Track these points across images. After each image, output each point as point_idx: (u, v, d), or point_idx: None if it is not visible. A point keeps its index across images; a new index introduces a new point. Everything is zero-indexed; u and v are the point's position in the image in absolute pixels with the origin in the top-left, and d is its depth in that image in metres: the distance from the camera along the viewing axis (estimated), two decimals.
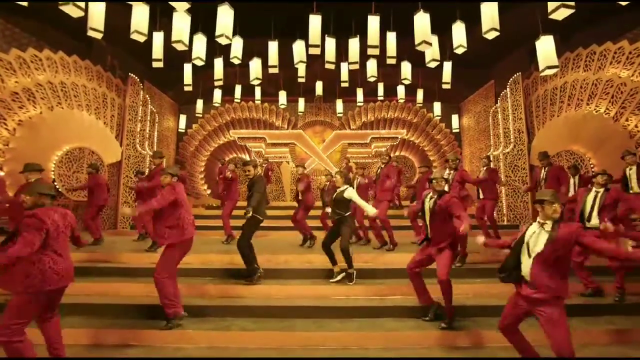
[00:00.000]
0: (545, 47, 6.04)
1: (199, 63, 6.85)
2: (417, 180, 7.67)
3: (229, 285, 4.63)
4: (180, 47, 5.82)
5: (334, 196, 4.85)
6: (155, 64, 6.94)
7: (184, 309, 3.78)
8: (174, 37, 5.78)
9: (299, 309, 3.98)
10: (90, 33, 5.10)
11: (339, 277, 4.70)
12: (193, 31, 6.79)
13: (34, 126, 7.76)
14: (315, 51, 6.21)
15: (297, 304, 4.09)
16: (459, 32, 6.29)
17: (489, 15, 5.46)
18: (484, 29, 5.56)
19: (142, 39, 5.71)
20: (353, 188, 5.26)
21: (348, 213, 4.74)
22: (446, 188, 4.08)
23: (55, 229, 2.79)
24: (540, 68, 6.15)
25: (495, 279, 4.68)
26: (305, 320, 3.83)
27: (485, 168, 6.60)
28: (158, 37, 6.87)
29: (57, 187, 8.31)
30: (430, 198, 3.90)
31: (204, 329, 3.68)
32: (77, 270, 3.06)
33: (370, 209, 4.67)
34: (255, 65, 8.28)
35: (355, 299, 4.34)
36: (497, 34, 5.52)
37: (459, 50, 6.33)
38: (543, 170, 6.50)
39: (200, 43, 6.82)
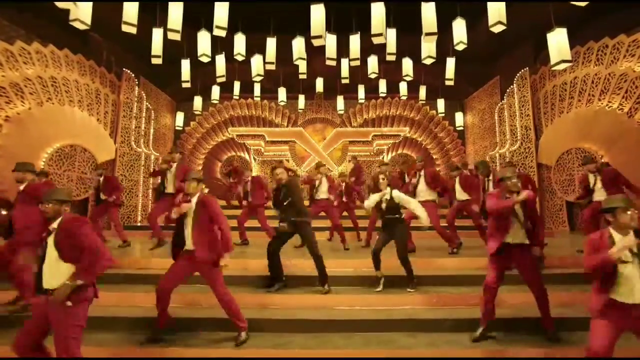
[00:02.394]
0: (558, 40, 5.77)
1: (205, 59, 6.79)
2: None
3: None
4: (174, 36, 5.62)
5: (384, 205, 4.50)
6: (154, 60, 6.83)
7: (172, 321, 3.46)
8: (169, 26, 5.63)
9: (298, 322, 3.64)
10: (75, 24, 4.79)
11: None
12: (196, 28, 6.75)
13: (22, 122, 7.43)
14: (320, 42, 5.93)
15: (296, 316, 3.75)
16: (459, 29, 6.16)
17: (496, 8, 5.26)
18: (490, 22, 5.36)
19: (132, 30, 5.55)
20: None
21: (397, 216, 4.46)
22: None
23: None
24: (553, 62, 5.87)
25: (510, 286, 4.41)
26: (304, 335, 3.48)
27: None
28: (157, 33, 6.71)
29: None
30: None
31: (193, 345, 3.33)
32: None
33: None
34: (256, 62, 8.07)
35: (359, 309, 3.97)
36: (504, 27, 5.33)
37: (460, 47, 6.21)
38: (593, 177, 5.65)
39: (205, 40, 6.70)
